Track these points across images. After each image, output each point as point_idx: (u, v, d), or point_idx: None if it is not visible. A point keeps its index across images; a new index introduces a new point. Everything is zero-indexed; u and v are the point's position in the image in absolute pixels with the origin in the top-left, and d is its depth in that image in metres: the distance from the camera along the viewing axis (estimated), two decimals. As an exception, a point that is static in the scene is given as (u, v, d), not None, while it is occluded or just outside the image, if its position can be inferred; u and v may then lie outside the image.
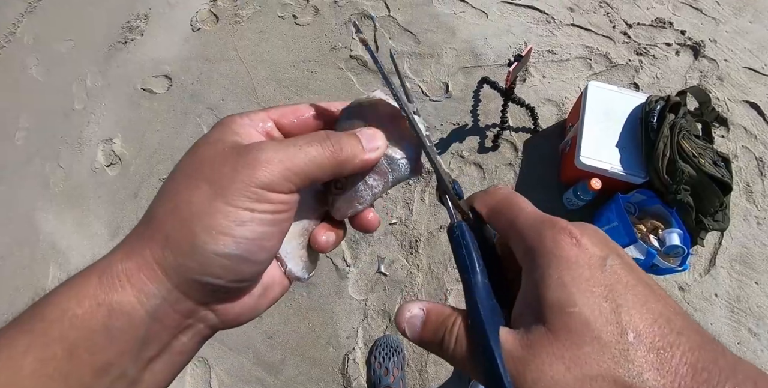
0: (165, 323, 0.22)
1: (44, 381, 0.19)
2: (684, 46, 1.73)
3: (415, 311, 0.24)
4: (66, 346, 0.19)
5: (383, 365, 1.34)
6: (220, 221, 0.21)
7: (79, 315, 0.20)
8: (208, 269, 0.21)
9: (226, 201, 0.21)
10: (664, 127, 1.26)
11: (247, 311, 0.25)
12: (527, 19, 1.83)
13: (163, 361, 0.22)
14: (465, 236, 0.25)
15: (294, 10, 2.03)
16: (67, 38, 2.29)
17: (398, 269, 1.50)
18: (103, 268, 0.21)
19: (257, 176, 0.22)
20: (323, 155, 0.24)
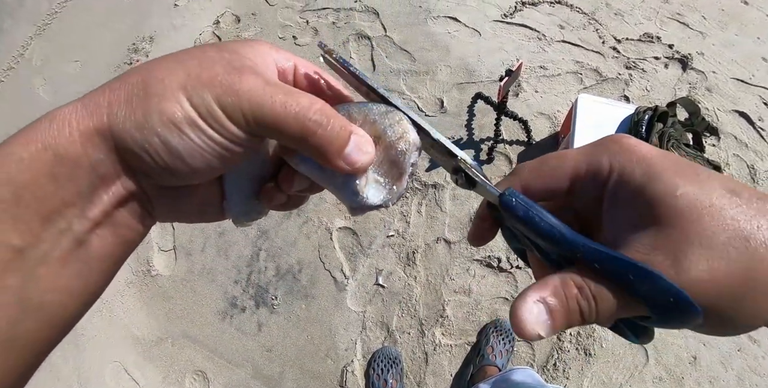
0: (105, 180, 0.21)
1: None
2: (672, 59, 1.78)
3: (535, 310, 0.21)
4: (13, 189, 0.19)
5: (382, 377, 1.34)
6: (175, 115, 0.21)
7: (25, 159, 0.20)
8: (146, 147, 0.21)
9: (189, 96, 0.21)
10: (653, 136, 1.29)
11: (177, 210, 0.26)
12: (519, 37, 1.89)
13: (109, 231, 0.22)
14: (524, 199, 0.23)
15: (294, 31, 2.10)
16: (74, 59, 2.37)
17: (396, 281, 1.51)
18: (56, 113, 0.21)
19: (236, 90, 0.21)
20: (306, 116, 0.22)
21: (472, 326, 1.44)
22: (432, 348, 1.42)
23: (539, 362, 1.38)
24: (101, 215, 0.22)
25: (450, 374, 1.39)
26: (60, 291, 0.21)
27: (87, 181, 0.21)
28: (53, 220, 0.20)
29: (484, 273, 1.49)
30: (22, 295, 0.20)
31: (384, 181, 0.26)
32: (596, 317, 0.21)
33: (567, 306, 0.21)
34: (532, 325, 0.20)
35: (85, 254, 0.21)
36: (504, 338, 1.35)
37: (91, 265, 0.22)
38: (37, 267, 0.20)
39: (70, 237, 0.21)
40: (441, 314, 1.45)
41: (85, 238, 0.21)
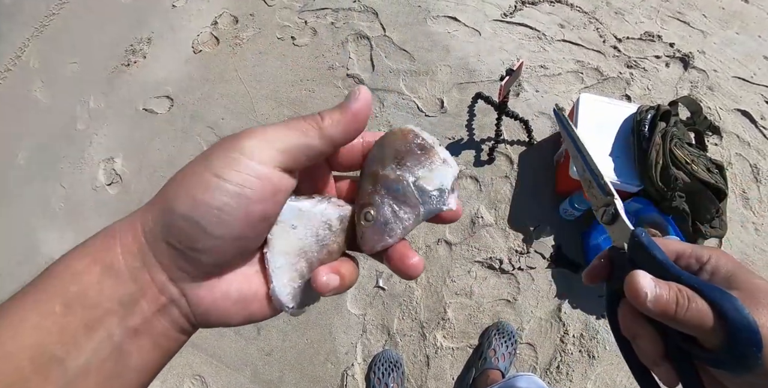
0: (144, 289, 0.23)
1: (42, 335, 0.20)
2: (673, 58, 1.77)
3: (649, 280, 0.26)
4: (64, 301, 0.21)
5: (383, 381, 1.32)
6: (192, 185, 0.23)
7: (78, 272, 0.22)
8: (169, 230, 0.22)
9: (206, 168, 0.23)
10: (655, 135, 1.27)
11: (217, 309, 0.25)
12: (519, 36, 1.88)
13: (148, 340, 0.23)
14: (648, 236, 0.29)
15: (293, 32, 2.09)
16: (71, 61, 2.35)
17: (396, 284, 1.50)
18: (108, 229, 0.24)
19: (239, 143, 0.23)
20: (312, 133, 0.24)
21: (473, 328, 1.42)
22: (433, 351, 1.40)
23: (542, 365, 1.36)
24: (141, 324, 0.23)
25: (452, 377, 1.37)
26: None
27: (127, 290, 0.22)
28: (96, 329, 0.21)
29: (485, 275, 1.48)
30: None
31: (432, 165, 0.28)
32: (685, 314, 0.25)
33: (669, 292, 0.26)
34: (644, 286, 0.26)
35: (123, 364, 0.22)
36: (506, 340, 1.33)
37: (128, 375, 0.23)
38: (76, 379, 0.21)
39: (109, 347, 0.22)
40: (442, 317, 1.43)
41: (124, 348, 0.22)
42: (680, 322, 0.25)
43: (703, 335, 0.25)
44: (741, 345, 0.24)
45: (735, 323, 0.24)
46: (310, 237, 0.27)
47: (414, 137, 0.28)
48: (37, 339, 0.20)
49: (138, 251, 0.23)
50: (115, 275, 0.22)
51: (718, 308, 0.24)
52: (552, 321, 1.40)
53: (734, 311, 0.24)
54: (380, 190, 0.27)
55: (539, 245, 1.49)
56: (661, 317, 0.26)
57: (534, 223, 1.51)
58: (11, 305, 0.21)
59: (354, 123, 0.25)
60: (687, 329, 0.26)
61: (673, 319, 0.25)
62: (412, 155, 0.27)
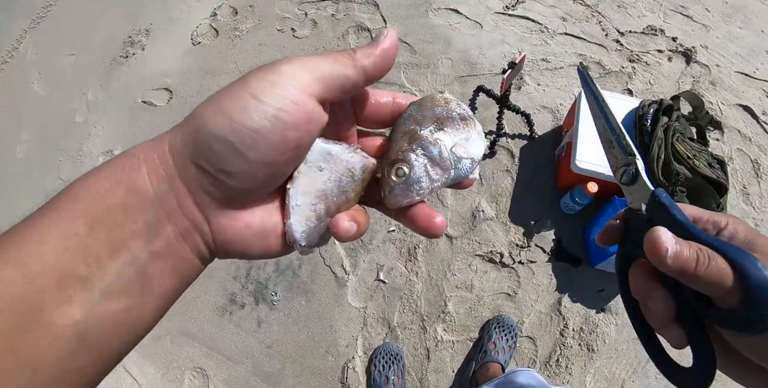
0: (169, 212, 0.23)
1: (64, 254, 0.20)
2: (676, 52, 1.76)
3: (670, 237, 0.26)
4: (87, 221, 0.21)
5: (383, 374, 1.33)
6: (229, 106, 0.22)
7: (101, 193, 0.21)
8: (200, 151, 0.22)
9: (244, 89, 0.22)
10: (657, 130, 1.27)
11: (238, 239, 0.25)
12: (521, 29, 1.86)
13: (170, 265, 0.23)
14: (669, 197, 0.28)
15: (293, 24, 2.07)
16: (69, 53, 2.33)
17: (397, 277, 1.50)
18: (130, 150, 0.23)
19: (277, 68, 0.23)
20: (347, 63, 0.25)
21: (474, 321, 1.42)
22: (434, 344, 1.41)
23: (542, 358, 1.37)
24: (164, 247, 0.22)
25: (452, 370, 1.38)
26: (117, 325, 0.21)
27: (153, 212, 0.22)
28: (120, 251, 0.21)
29: (486, 268, 1.48)
30: (82, 328, 0.20)
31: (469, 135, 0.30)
32: (705, 272, 0.25)
33: (689, 249, 0.25)
34: (666, 242, 0.26)
35: (146, 288, 0.22)
36: (506, 334, 1.34)
37: (148, 299, 0.22)
38: (100, 301, 0.20)
39: (134, 269, 0.21)
40: (443, 310, 1.44)
41: (148, 271, 0.22)
42: (699, 280, 0.25)
43: (720, 293, 0.25)
44: (759, 304, 0.23)
45: (755, 281, 0.24)
46: (333, 182, 0.27)
47: (456, 106, 0.29)
48: (61, 260, 0.20)
49: (165, 173, 0.22)
50: (141, 197, 0.22)
51: (738, 267, 0.24)
52: (552, 315, 1.41)
53: (755, 269, 0.24)
54: (416, 149, 0.28)
55: (540, 238, 1.49)
56: (680, 274, 0.26)
57: (535, 217, 1.52)
58: (29, 222, 0.21)
59: (384, 58, 0.26)
60: (705, 288, 0.25)
61: (693, 276, 0.25)
62: (453, 122, 0.29)
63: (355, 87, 0.25)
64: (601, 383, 1.32)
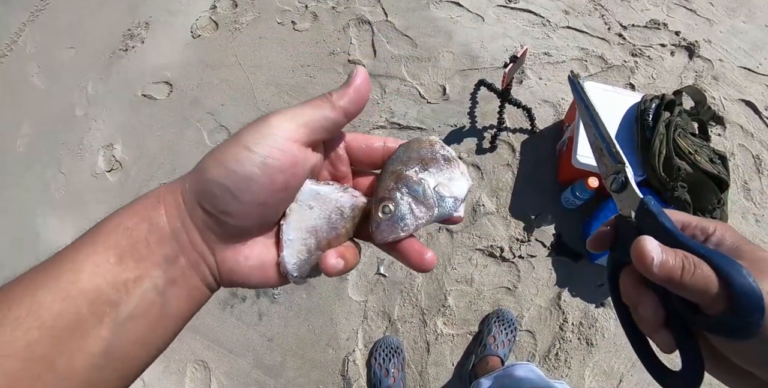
0: (183, 246, 0.26)
1: (98, 281, 0.23)
2: (679, 46, 1.75)
3: (656, 246, 0.27)
4: (117, 252, 0.24)
5: (383, 367, 1.34)
6: (225, 156, 0.26)
7: (129, 228, 0.25)
8: (204, 195, 0.26)
9: (238, 142, 0.26)
10: (659, 125, 1.27)
11: (239, 270, 0.28)
12: (523, 23, 1.85)
13: (184, 291, 0.27)
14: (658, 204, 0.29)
15: (293, 16, 2.06)
16: (68, 46, 2.31)
17: (397, 271, 1.51)
18: (153, 191, 0.27)
19: (267, 120, 0.26)
20: (325, 106, 0.28)
21: (474, 315, 1.43)
22: (434, 338, 1.42)
23: (541, 352, 1.38)
24: (179, 276, 0.26)
25: (452, 363, 1.39)
26: (139, 344, 0.25)
27: (170, 246, 0.26)
28: (143, 279, 0.25)
29: (486, 263, 1.48)
30: (110, 345, 0.23)
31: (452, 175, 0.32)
32: (691, 279, 0.26)
33: (675, 257, 0.26)
34: (651, 251, 0.27)
35: (164, 311, 0.26)
36: (506, 328, 1.35)
37: (166, 322, 0.26)
38: (126, 321, 0.24)
39: (154, 294, 0.25)
40: (443, 304, 1.45)
41: (166, 296, 0.26)
42: (685, 287, 0.26)
43: (706, 300, 0.26)
44: (744, 310, 0.24)
45: (740, 288, 0.24)
46: (322, 219, 0.30)
47: (440, 148, 0.32)
48: (94, 285, 0.23)
49: (178, 214, 0.26)
50: (160, 233, 0.26)
51: (723, 274, 0.25)
52: (551, 309, 1.42)
53: (740, 277, 0.24)
54: (401, 188, 0.30)
55: (540, 233, 1.49)
56: (667, 282, 0.26)
57: (535, 211, 1.52)
58: (68, 253, 0.24)
59: (358, 95, 0.28)
60: (691, 295, 0.26)
61: (679, 284, 0.26)
62: (436, 163, 0.31)
63: (336, 125, 0.29)
64: (600, 377, 1.33)
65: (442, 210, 0.30)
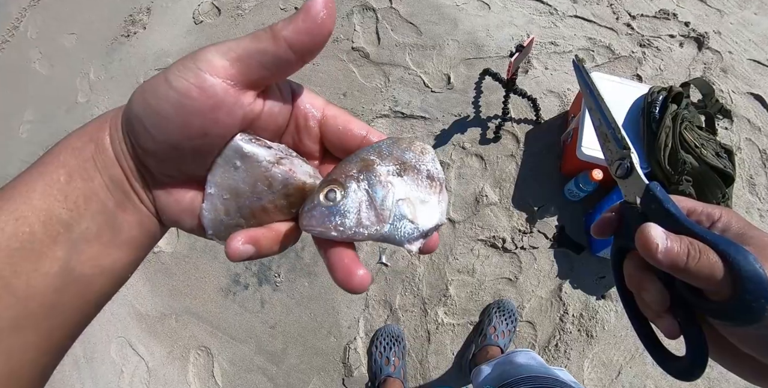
0: (125, 170, 0.25)
1: (50, 201, 0.23)
2: (688, 37, 1.72)
3: (661, 232, 0.27)
4: (67, 171, 0.24)
5: (384, 355, 1.35)
6: (147, 86, 0.23)
7: (77, 148, 0.24)
8: (126, 125, 0.24)
9: (164, 71, 0.23)
10: (666, 117, 1.26)
11: (170, 211, 0.27)
12: (530, 11, 1.82)
13: (133, 216, 0.26)
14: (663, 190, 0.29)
15: (296, 2, 2.03)
16: (70, 32, 2.29)
17: (399, 260, 1.51)
18: (104, 114, 0.26)
19: (198, 53, 0.23)
20: (265, 37, 0.23)
21: (474, 305, 1.44)
22: (434, 327, 1.43)
23: (541, 343, 1.39)
24: (126, 201, 0.25)
25: (452, 352, 1.40)
26: (94, 266, 0.24)
27: (115, 169, 0.25)
28: (93, 199, 0.24)
29: (488, 253, 1.49)
30: (66, 266, 0.23)
31: (428, 198, 0.26)
32: (696, 265, 0.25)
33: (680, 244, 0.26)
34: (656, 237, 0.26)
35: (116, 234, 0.25)
36: (506, 318, 1.35)
37: (120, 247, 0.25)
38: (79, 241, 0.23)
39: (105, 215, 0.24)
40: (444, 294, 1.46)
41: (117, 219, 0.25)
42: (690, 273, 0.26)
43: (712, 286, 0.25)
44: (750, 296, 0.24)
45: (745, 274, 0.24)
46: (247, 184, 0.26)
47: (430, 161, 0.26)
48: (46, 204, 0.23)
49: (120, 139, 0.25)
50: (105, 154, 0.24)
51: (729, 260, 0.25)
52: (552, 300, 1.42)
53: (746, 262, 0.24)
54: (361, 180, 0.25)
55: (542, 224, 1.49)
56: (672, 268, 0.26)
57: (538, 203, 1.51)
58: (21, 177, 0.24)
59: (311, 24, 0.22)
60: (696, 281, 0.26)
61: (684, 270, 0.26)
62: (417, 175, 0.26)
63: (279, 61, 0.23)
64: (599, 369, 1.35)
65: (393, 231, 0.24)
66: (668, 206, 0.28)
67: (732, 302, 0.25)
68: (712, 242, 0.26)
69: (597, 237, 0.33)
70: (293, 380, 1.44)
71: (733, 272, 0.25)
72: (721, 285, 0.25)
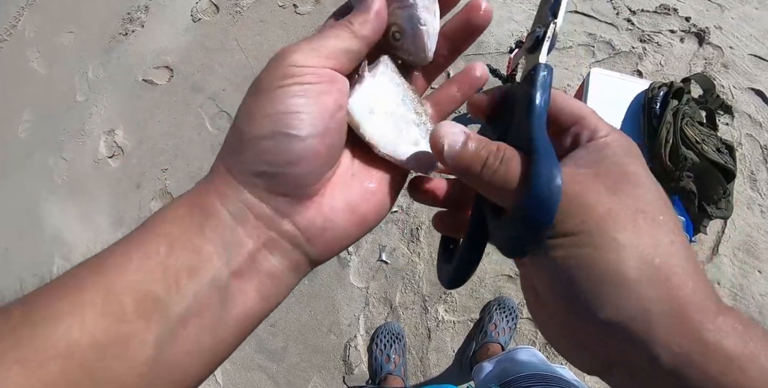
0: (247, 228, 0.22)
1: (146, 275, 0.20)
2: (688, 33, 1.71)
3: (456, 130, 0.23)
4: (167, 241, 0.21)
5: (385, 352, 1.35)
6: (259, 107, 0.23)
7: (179, 215, 0.22)
8: (255, 158, 0.22)
9: (263, 89, 0.23)
10: (667, 113, 1.25)
11: (332, 224, 0.24)
12: (529, 7, 1.81)
13: (253, 283, 0.22)
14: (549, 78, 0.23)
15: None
16: (68, 30, 2.29)
17: (399, 257, 1.51)
18: (200, 182, 0.24)
19: (285, 59, 0.23)
20: (347, 36, 0.25)
21: (475, 303, 1.44)
22: (435, 324, 1.43)
23: (541, 340, 1.38)
24: (246, 265, 0.22)
25: (453, 350, 1.40)
26: (193, 353, 0.21)
27: (229, 231, 0.22)
28: (198, 272, 0.21)
29: (488, 250, 1.47)
30: (158, 354, 0.20)
31: None
32: (492, 177, 0.22)
33: (478, 148, 0.22)
34: (445, 136, 0.23)
35: (225, 311, 0.21)
36: (507, 315, 1.35)
37: (228, 325, 0.22)
38: (177, 325, 0.20)
39: (212, 291, 0.21)
40: (444, 291, 1.45)
41: (228, 292, 0.22)
42: (482, 184, 0.23)
43: (501, 202, 0.22)
44: (530, 215, 0.19)
45: (535, 189, 0.19)
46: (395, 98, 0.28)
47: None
48: (141, 278, 0.20)
49: (232, 192, 0.23)
50: (216, 218, 0.22)
51: (531, 172, 0.20)
52: (552, 297, 1.42)
53: (545, 176, 0.20)
54: (394, 11, 0.27)
55: (543, 222, 1.49)
56: (462, 175, 0.23)
57: (538, 200, 1.51)
58: (118, 246, 0.21)
59: (379, 21, 0.25)
60: (487, 192, 0.23)
61: (476, 179, 0.22)
62: None
63: (360, 56, 0.25)
64: (599, 364, 1.35)
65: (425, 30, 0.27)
66: (535, 92, 0.22)
67: (511, 221, 0.21)
68: (536, 151, 0.20)
69: (472, 115, 0.28)
70: (294, 378, 1.45)
71: (526, 189, 0.20)
72: (509, 201, 0.21)
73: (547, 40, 0.24)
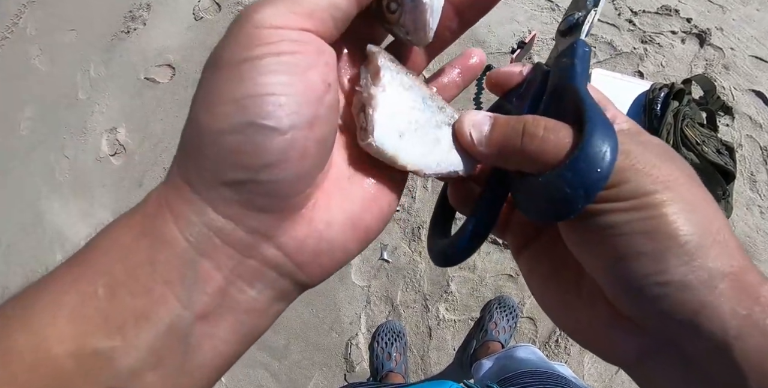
0: (216, 259, 0.17)
1: (83, 324, 0.16)
2: (690, 34, 1.72)
3: (479, 117, 0.22)
4: (107, 281, 0.16)
5: (386, 350, 1.36)
6: (216, 91, 0.17)
7: (123, 244, 0.17)
8: (220, 158, 0.17)
9: (225, 62, 0.17)
10: (667, 114, 1.26)
11: (330, 243, 0.19)
12: (531, 7, 1.82)
13: (224, 323, 0.18)
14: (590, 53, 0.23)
15: (297, -1, 2.02)
16: (70, 28, 2.29)
17: (401, 256, 1.52)
18: (150, 195, 0.19)
19: (252, 18, 0.17)
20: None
21: (475, 302, 1.45)
22: (436, 323, 1.44)
23: (541, 339, 1.40)
24: (214, 304, 0.17)
25: (453, 348, 1.41)
26: None
27: (190, 265, 0.17)
28: (149, 319, 0.16)
29: (489, 250, 1.49)
30: None
31: None
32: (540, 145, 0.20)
33: (513, 123, 0.21)
34: (470, 127, 0.22)
35: (189, 360, 0.17)
36: (507, 314, 1.36)
37: (193, 375, 0.17)
38: (129, 381, 0.16)
39: (170, 340, 0.17)
40: (445, 290, 1.46)
41: (191, 340, 0.17)
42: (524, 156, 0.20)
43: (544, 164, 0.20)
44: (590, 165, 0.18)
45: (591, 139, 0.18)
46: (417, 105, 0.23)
47: None
48: (77, 330, 0.16)
49: (192, 213, 0.17)
50: (170, 249, 0.17)
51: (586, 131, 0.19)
52: (552, 296, 1.43)
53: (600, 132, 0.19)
54: None
55: (543, 222, 1.49)
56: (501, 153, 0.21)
57: (539, 200, 1.52)
58: (49, 282, 0.17)
59: None
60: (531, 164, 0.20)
61: (518, 153, 0.20)
62: None
63: (347, 16, 0.19)
64: (599, 364, 1.36)
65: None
66: (579, 64, 0.22)
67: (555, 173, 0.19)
68: (587, 110, 0.20)
69: (488, 89, 0.26)
70: (296, 375, 1.46)
71: (581, 144, 0.19)
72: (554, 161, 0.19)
73: (587, 24, 0.24)
